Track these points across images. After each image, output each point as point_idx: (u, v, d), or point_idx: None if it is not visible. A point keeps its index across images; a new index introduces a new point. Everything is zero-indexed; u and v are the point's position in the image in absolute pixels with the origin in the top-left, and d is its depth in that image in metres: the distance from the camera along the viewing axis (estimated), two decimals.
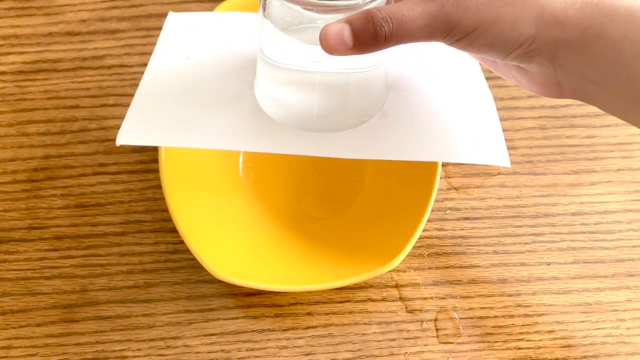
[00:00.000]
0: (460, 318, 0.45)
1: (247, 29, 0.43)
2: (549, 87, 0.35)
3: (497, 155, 0.38)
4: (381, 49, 0.33)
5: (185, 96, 0.39)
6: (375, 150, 0.38)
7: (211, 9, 0.52)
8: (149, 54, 0.46)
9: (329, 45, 0.32)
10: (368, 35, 0.31)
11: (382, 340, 0.44)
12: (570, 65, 0.33)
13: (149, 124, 0.38)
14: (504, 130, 0.49)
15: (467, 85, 0.42)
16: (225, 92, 0.40)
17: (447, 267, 0.46)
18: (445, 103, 0.40)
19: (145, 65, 0.45)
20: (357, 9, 0.32)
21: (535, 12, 0.32)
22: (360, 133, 0.38)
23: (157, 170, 0.48)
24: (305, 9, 0.33)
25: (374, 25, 0.31)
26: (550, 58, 0.33)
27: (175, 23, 0.44)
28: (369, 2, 0.33)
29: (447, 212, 0.48)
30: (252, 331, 0.44)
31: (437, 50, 0.44)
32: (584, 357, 0.44)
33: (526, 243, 0.47)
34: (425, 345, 0.44)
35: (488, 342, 0.44)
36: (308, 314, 0.45)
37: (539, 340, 0.44)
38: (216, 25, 0.44)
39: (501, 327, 0.44)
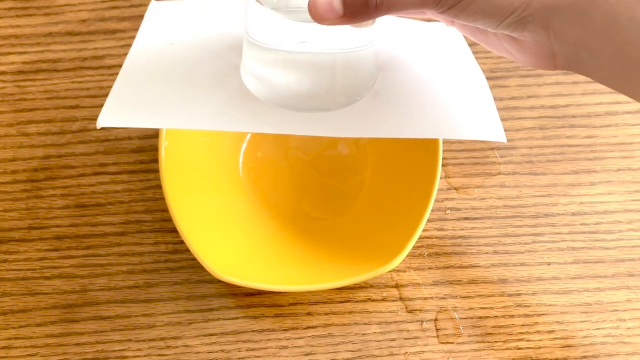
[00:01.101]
0: (460, 318, 0.45)
1: (231, 14, 0.43)
2: (543, 58, 0.35)
3: (492, 130, 0.37)
4: (372, 18, 0.32)
5: (169, 78, 0.38)
6: (368, 129, 0.37)
7: None
8: None
9: (319, 14, 0.31)
10: (358, 3, 0.31)
11: (382, 340, 0.44)
12: (565, 32, 0.32)
13: (131, 106, 0.36)
14: (504, 130, 0.50)
15: (458, 65, 0.41)
16: (210, 73, 0.39)
17: (447, 267, 0.46)
18: (437, 81, 0.39)
19: None
20: None
21: None
22: (351, 112, 0.37)
23: (157, 170, 0.48)
24: None
25: None
26: (544, 24, 0.32)
27: (158, 11, 0.43)
28: None
29: (447, 212, 0.48)
30: (252, 331, 0.44)
31: (425, 31, 0.43)
32: (584, 357, 0.44)
33: (526, 243, 0.47)
34: (426, 345, 0.44)
35: (488, 342, 0.44)
36: (308, 314, 0.45)
37: (539, 340, 0.44)
38: (199, 12, 0.43)
39: (501, 327, 0.44)
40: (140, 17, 0.53)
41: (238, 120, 0.37)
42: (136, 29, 0.52)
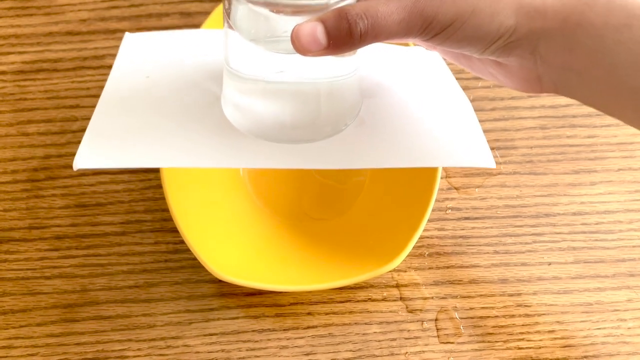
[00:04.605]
0: (461, 318, 0.45)
1: (209, 44, 0.41)
2: (529, 82, 0.34)
3: (480, 156, 0.37)
4: (357, 48, 0.31)
5: (147, 113, 0.36)
6: (356, 159, 0.37)
7: (211, 9, 0.52)
8: None
9: (302, 45, 0.30)
10: (343, 33, 0.30)
11: (382, 340, 0.44)
12: (552, 56, 0.32)
13: (109, 146, 0.35)
14: (504, 130, 0.50)
15: (441, 89, 0.41)
16: (190, 106, 0.37)
17: (448, 267, 0.46)
18: (422, 108, 0.39)
19: None
20: (327, 10, 0.31)
21: (513, 4, 0.31)
22: (337, 142, 0.36)
23: (157, 170, 0.48)
24: (271, 11, 0.31)
25: (348, 23, 0.30)
26: (530, 49, 0.32)
27: (132, 44, 0.41)
28: (339, 1, 0.31)
29: (447, 211, 0.47)
30: (253, 331, 0.44)
31: (406, 55, 0.43)
32: (585, 357, 0.44)
33: (527, 243, 0.47)
34: (426, 345, 0.44)
35: (489, 341, 0.44)
36: (308, 313, 0.45)
37: (540, 340, 0.44)
38: (177, 43, 0.42)
39: (502, 327, 0.44)
40: (140, 17, 0.53)
41: (221, 156, 0.36)
42: (136, 29, 0.52)
